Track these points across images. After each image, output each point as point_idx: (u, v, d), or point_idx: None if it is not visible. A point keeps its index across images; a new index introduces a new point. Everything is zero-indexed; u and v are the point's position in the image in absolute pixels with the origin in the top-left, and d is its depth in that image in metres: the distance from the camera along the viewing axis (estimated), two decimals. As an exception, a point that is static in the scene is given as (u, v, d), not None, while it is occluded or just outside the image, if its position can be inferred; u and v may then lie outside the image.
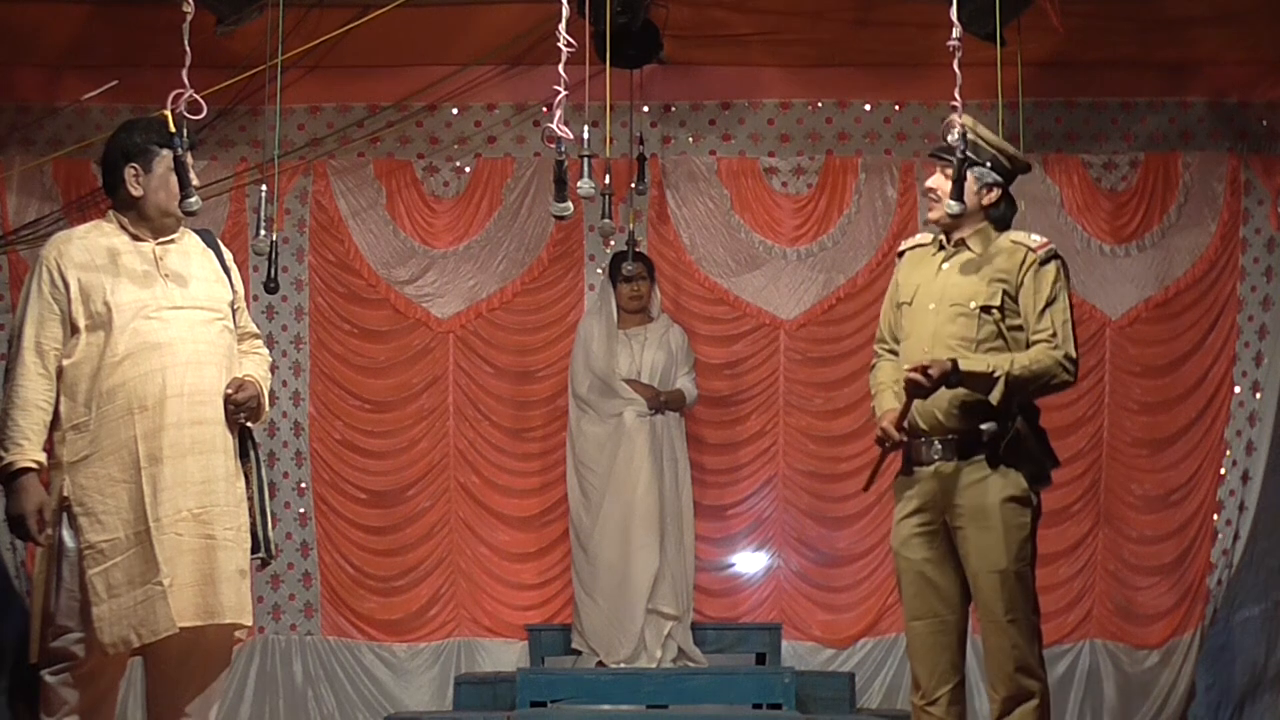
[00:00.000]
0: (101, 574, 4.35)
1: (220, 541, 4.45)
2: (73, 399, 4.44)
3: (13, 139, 7.79)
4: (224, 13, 6.20)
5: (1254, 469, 7.78)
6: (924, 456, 4.73)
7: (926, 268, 4.88)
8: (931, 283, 4.82)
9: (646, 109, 7.91)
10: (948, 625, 4.74)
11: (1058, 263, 4.77)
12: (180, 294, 4.53)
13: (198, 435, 4.46)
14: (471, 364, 7.96)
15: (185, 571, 4.39)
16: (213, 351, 4.54)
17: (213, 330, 4.56)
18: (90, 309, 4.44)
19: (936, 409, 4.69)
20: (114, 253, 4.51)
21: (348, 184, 7.98)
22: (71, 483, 4.41)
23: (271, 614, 7.81)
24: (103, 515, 4.38)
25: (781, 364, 7.94)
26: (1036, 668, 4.69)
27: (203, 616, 4.41)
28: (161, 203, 4.53)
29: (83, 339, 4.45)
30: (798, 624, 7.81)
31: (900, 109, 7.93)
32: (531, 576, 7.91)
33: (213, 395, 4.50)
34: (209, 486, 4.45)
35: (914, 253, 4.99)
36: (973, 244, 4.81)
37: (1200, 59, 7.77)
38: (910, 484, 4.79)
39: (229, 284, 4.68)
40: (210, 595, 4.42)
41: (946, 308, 4.75)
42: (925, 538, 4.75)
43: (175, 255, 4.58)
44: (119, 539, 4.37)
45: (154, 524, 4.35)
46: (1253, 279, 7.87)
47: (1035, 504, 4.74)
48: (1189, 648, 7.71)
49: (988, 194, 4.82)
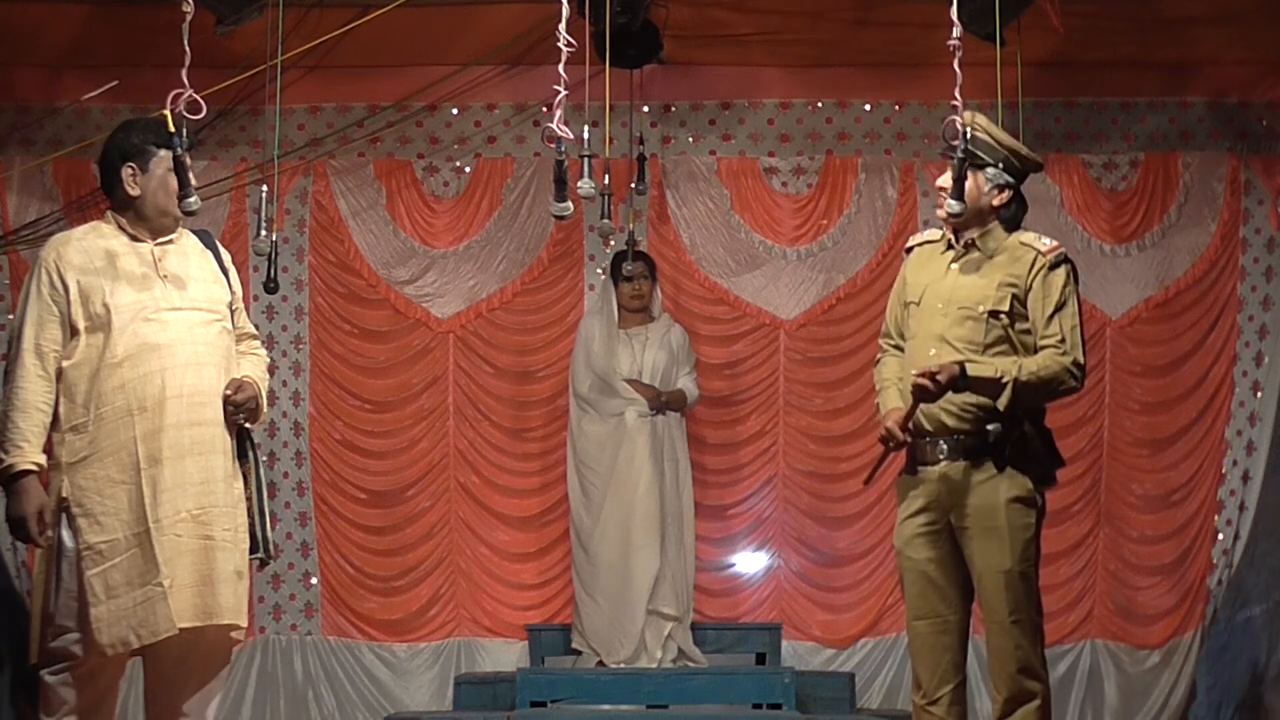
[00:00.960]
0: (100, 575, 4.35)
1: (219, 542, 4.46)
2: (72, 400, 4.44)
3: (13, 139, 7.79)
4: (224, 13, 6.21)
5: (1254, 469, 7.78)
6: (929, 457, 4.72)
7: (935, 266, 4.84)
8: (940, 283, 4.79)
9: (646, 109, 7.91)
10: (949, 625, 4.73)
11: (1067, 267, 4.73)
12: (179, 295, 4.53)
13: (197, 436, 4.46)
14: (471, 364, 7.96)
15: (184, 572, 4.39)
16: (211, 353, 4.54)
17: (211, 331, 4.56)
18: (89, 311, 4.44)
19: (942, 410, 4.67)
20: (112, 254, 4.51)
21: (348, 184, 7.98)
22: (70, 484, 4.41)
23: (272, 614, 7.82)
24: (101, 516, 4.38)
25: (781, 364, 7.94)
26: (1039, 669, 4.68)
27: (201, 617, 4.41)
28: (160, 203, 4.53)
29: (82, 341, 4.45)
30: (798, 624, 7.81)
31: (900, 109, 7.93)
32: (531, 576, 7.91)
33: (212, 396, 4.50)
34: (208, 487, 4.46)
35: (922, 250, 4.95)
36: (982, 245, 4.77)
37: (1200, 59, 7.77)
38: (915, 484, 4.77)
39: (227, 285, 4.68)
40: (209, 596, 4.42)
41: (954, 310, 4.72)
42: (929, 538, 4.73)
43: (174, 256, 4.58)
44: (118, 540, 4.37)
45: (154, 525, 4.36)
46: (1253, 279, 7.87)
47: (1040, 505, 4.73)
48: (1190, 648, 7.71)
49: (999, 195, 4.78)
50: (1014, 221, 4.83)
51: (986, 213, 4.77)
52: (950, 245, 4.84)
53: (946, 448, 4.68)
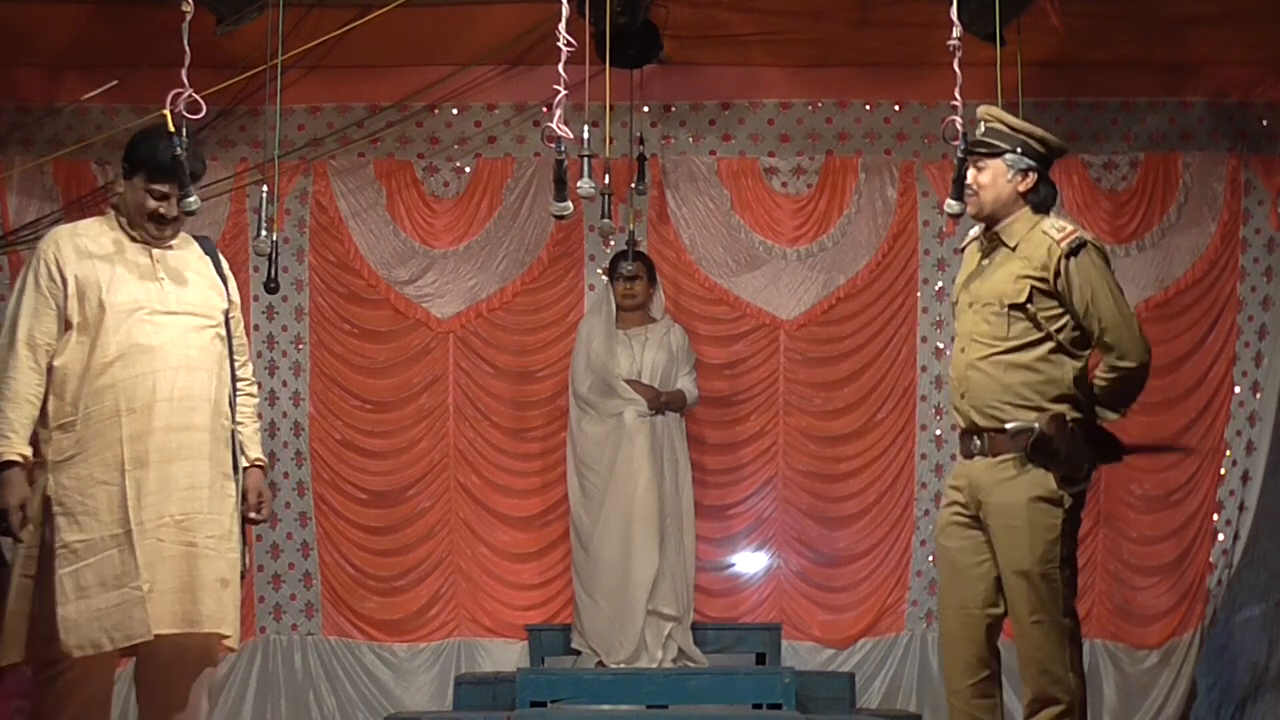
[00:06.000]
0: (71, 574, 4.31)
1: (201, 549, 4.42)
2: (60, 398, 4.41)
3: (13, 139, 7.79)
4: (224, 13, 6.21)
5: (1254, 469, 7.78)
6: (967, 449, 4.74)
7: (970, 264, 4.86)
8: (974, 281, 4.80)
9: (646, 109, 7.90)
10: (973, 619, 4.67)
11: (1086, 251, 4.63)
12: (175, 299, 4.52)
13: (184, 441, 4.43)
14: (471, 364, 7.96)
15: (165, 578, 4.35)
16: (204, 357, 4.52)
17: (204, 337, 4.54)
18: (85, 307, 4.42)
19: (973, 407, 4.68)
20: (112, 251, 4.50)
21: (348, 184, 7.98)
22: (54, 482, 4.37)
23: (272, 614, 7.82)
24: (81, 516, 4.34)
25: (781, 364, 7.94)
26: (1063, 673, 4.58)
27: (181, 624, 4.38)
28: (134, 217, 4.53)
29: (73, 337, 4.42)
30: (798, 624, 7.81)
31: (900, 109, 7.93)
32: (531, 576, 7.91)
33: (201, 401, 4.48)
34: (193, 493, 4.43)
35: (969, 248, 4.94)
36: (1007, 236, 4.72)
37: (1200, 59, 7.77)
38: (957, 474, 4.82)
39: (225, 293, 4.66)
40: (189, 603, 4.38)
41: (981, 307, 4.72)
42: (959, 527, 4.74)
43: (173, 259, 4.57)
44: (94, 540, 4.33)
45: (135, 528, 4.33)
46: (1253, 279, 7.87)
47: (1069, 505, 4.63)
48: (1189, 648, 7.71)
49: (1022, 180, 4.71)
50: (1044, 206, 4.77)
51: (1011, 200, 4.72)
52: (985, 240, 4.83)
53: (979, 442, 4.68)
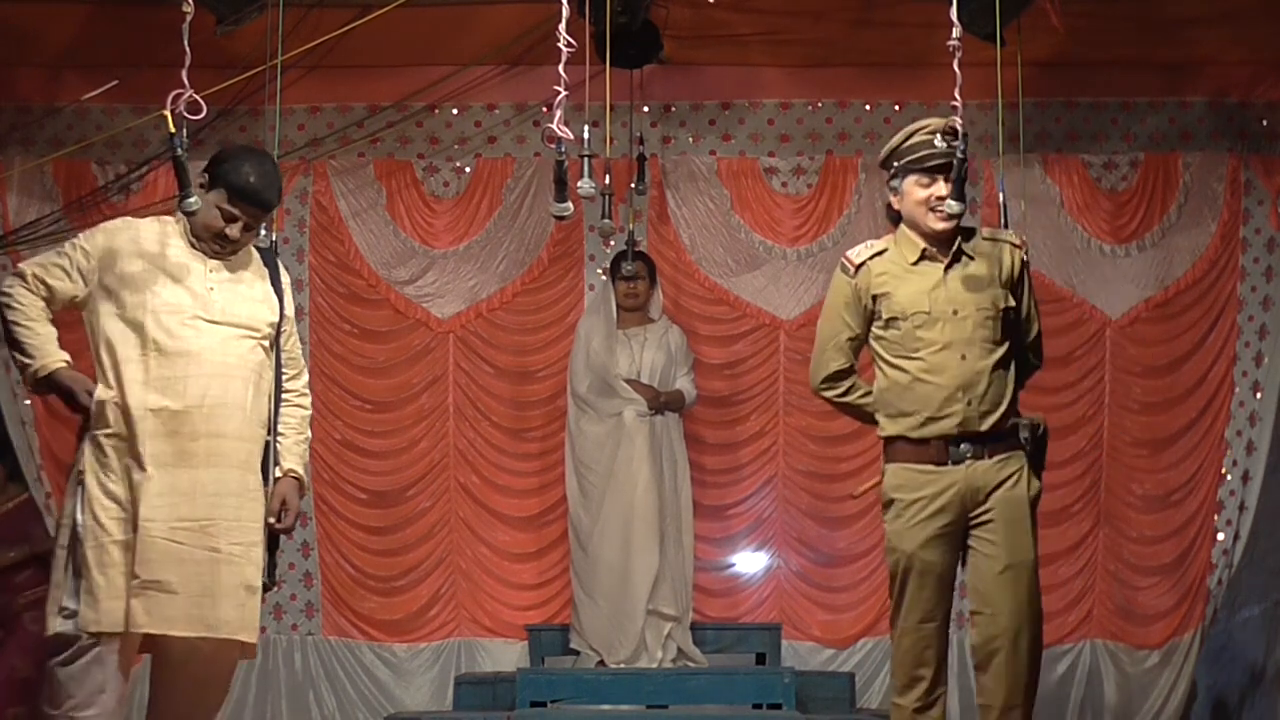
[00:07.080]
0: (95, 549, 4.31)
1: (225, 556, 4.40)
2: (105, 380, 4.43)
3: (13, 139, 7.79)
4: (224, 13, 6.21)
5: (1254, 469, 7.78)
6: (950, 456, 4.66)
7: (922, 277, 4.77)
8: (937, 290, 4.73)
9: (646, 109, 7.91)
10: (945, 627, 4.75)
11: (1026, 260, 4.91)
12: (221, 308, 4.51)
13: (214, 447, 4.42)
14: (471, 364, 7.96)
15: (185, 581, 4.34)
16: (241, 366, 4.50)
17: (244, 346, 4.53)
18: (127, 299, 4.43)
19: (980, 411, 4.65)
20: (168, 253, 4.50)
21: (348, 184, 7.98)
22: (89, 455, 4.39)
23: (273, 613, 7.81)
24: (106, 502, 4.35)
25: (781, 364, 7.94)
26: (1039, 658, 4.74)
27: (197, 628, 4.36)
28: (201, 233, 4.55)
29: (119, 326, 4.43)
30: (798, 624, 7.82)
31: (900, 109, 7.92)
32: (531, 576, 7.91)
33: (235, 410, 4.46)
34: (219, 500, 4.41)
35: (877, 262, 4.86)
36: (969, 247, 4.78)
37: (1200, 59, 7.77)
38: (925, 484, 4.68)
39: (279, 306, 4.65)
40: (208, 608, 4.36)
41: (975, 311, 4.70)
42: (948, 540, 4.69)
43: (228, 268, 4.57)
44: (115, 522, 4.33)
45: (148, 524, 4.31)
46: (1253, 279, 7.87)
47: None
48: (1189, 648, 7.71)
49: None
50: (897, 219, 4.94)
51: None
52: (924, 254, 4.77)
53: (975, 447, 4.65)
